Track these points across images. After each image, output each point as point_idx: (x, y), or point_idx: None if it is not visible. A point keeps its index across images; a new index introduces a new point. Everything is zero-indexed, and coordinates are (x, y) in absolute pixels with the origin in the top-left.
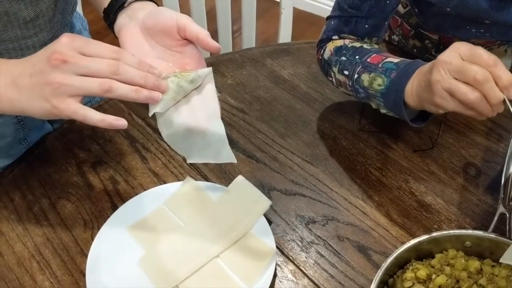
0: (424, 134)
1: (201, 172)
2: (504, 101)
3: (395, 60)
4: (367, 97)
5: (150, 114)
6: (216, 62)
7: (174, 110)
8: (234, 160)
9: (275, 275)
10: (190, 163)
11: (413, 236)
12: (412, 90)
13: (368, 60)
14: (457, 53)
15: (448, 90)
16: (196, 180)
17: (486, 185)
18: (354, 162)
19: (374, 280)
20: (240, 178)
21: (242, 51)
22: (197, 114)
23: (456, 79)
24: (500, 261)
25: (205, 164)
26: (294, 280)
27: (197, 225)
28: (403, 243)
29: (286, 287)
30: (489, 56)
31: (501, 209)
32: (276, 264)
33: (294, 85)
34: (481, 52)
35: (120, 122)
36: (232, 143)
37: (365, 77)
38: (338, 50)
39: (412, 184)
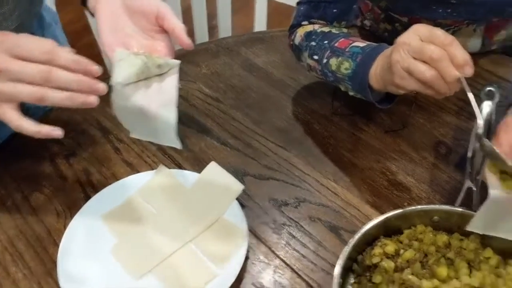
0: (396, 116)
1: (175, 160)
2: (459, 79)
3: (362, 44)
4: (336, 80)
5: (112, 83)
6: (190, 53)
7: (133, 87)
8: (180, 146)
9: (247, 258)
10: (164, 152)
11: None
12: (376, 73)
13: (336, 44)
14: (416, 34)
15: (407, 69)
16: (170, 168)
17: (456, 162)
18: (326, 145)
19: (341, 256)
20: (212, 164)
21: (217, 40)
22: (153, 99)
23: (415, 59)
24: (466, 229)
25: (179, 153)
26: (266, 261)
27: (170, 212)
28: None
29: (258, 268)
30: (445, 36)
31: (467, 183)
32: (249, 247)
33: (268, 72)
34: (438, 33)
35: (56, 132)
36: (207, 131)
37: (333, 62)
38: (308, 36)
39: (383, 164)
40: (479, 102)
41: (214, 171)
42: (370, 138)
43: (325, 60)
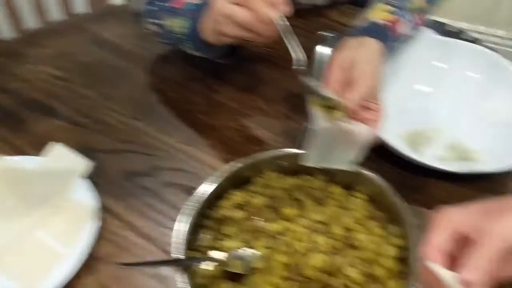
0: (250, 75)
1: (18, 147)
2: (276, 19)
3: (196, 1)
4: (178, 42)
5: None
6: (35, 34)
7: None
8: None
9: (101, 236)
10: (4, 140)
11: None
12: (207, 27)
13: (173, 4)
14: None
15: (228, 16)
16: (11, 155)
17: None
18: (181, 111)
19: (181, 211)
20: (55, 145)
21: (64, 21)
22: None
23: (234, 4)
24: (300, 163)
25: (22, 139)
26: (122, 235)
27: (10, 201)
28: None
29: (113, 244)
30: None
31: (306, 124)
32: (103, 224)
33: (119, 45)
34: None
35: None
36: (54, 113)
37: (171, 22)
38: (149, 1)
39: (240, 122)
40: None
41: (58, 152)
42: (226, 98)
43: (164, 23)
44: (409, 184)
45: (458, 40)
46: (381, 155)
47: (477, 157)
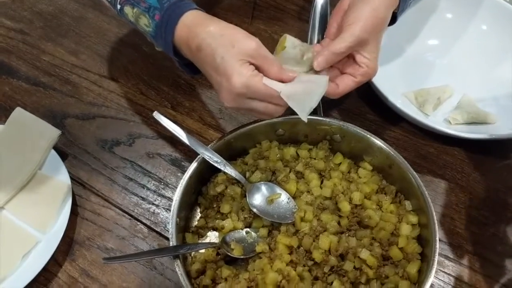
0: None
1: None
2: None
3: None
4: (139, 30)
5: None
6: None
7: None
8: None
9: (76, 214)
10: None
11: None
12: (210, 75)
13: None
14: None
15: (248, 109)
16: None
17: None
18: (160, 68)
19: (177, 190)
20: (18, 111)
21: None
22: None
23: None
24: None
25: None
26: (100, 213)
27: None
28: None
29: (90, 223)
30: None
31: None
32: (77, 201)
33: None
34: None
35: None
36: (12, 72)
37: (129, 11)
38: None
39: None
40: None
41: (21, 119)
42: None
43: (119, 6)
44: (417, 150)
45: None
46: (383, 116)
47: (491, 119)
